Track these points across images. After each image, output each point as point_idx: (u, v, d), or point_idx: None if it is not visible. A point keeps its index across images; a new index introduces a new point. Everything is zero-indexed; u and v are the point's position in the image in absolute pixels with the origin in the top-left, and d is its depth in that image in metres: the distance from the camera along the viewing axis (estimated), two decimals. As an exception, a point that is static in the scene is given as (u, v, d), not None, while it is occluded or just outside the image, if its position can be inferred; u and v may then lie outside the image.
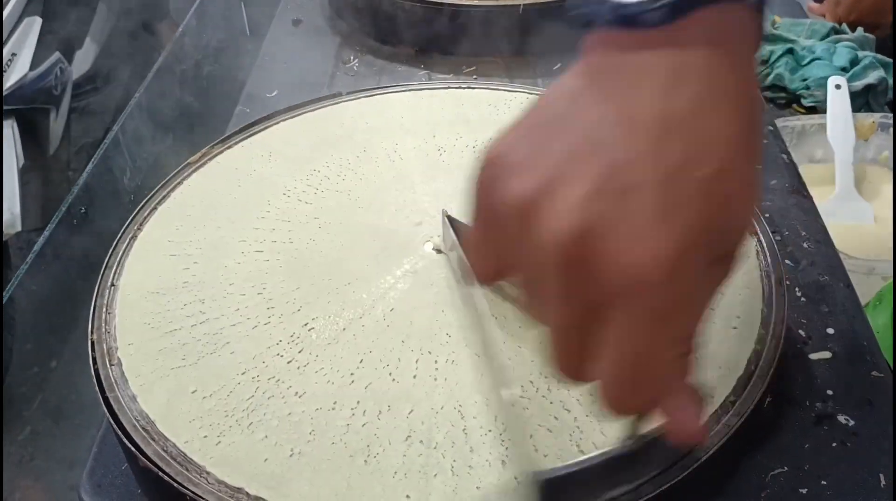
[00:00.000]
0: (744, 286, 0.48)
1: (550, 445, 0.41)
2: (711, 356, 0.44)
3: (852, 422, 0.48)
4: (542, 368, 0.44)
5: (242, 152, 0.61)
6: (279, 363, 0.46)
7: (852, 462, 0.46)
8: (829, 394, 0.50)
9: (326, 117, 0.65)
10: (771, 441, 0.47)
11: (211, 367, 0.46)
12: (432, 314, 0.48)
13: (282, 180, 0.59)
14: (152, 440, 0.42)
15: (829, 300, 0.56)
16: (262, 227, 0.55)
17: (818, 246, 0.61)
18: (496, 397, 0.42)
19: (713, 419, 0.42)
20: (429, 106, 0.66)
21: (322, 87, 0.81)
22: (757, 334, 0.46)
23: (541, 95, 0.30)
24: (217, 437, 0.42)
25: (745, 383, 0.43)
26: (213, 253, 0.53)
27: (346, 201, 0.57)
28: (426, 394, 0.44)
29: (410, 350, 0.46)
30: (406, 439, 0.41)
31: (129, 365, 0.46)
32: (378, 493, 0.39)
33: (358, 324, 0.48)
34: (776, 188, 0.66)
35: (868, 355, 0.52)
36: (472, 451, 0.41)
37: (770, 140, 0.72)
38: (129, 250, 0.53)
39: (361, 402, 0.43)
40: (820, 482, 0.45)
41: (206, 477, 0.40)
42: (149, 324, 0.48)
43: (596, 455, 0.33)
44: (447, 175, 0.59)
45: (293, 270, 0.52)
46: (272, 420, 0.43)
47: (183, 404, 0.44)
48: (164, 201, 0.57)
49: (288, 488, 0.39)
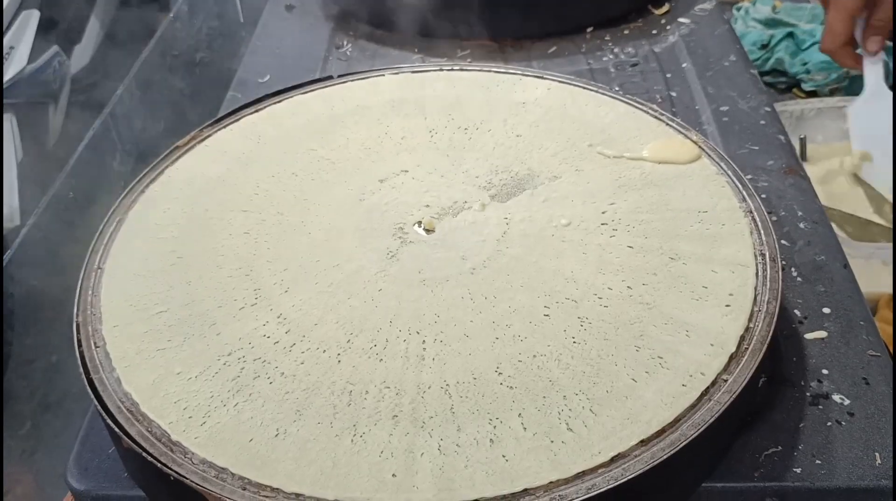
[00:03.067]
0: (737, 264, 0.48)
1: (540, 423, 0.40)
2: (703, 333, 0.44)
3: (847, 401, 0.47)
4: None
5: (231, 135, 0.61)
6: (266, 344, 0.45)
7: (847, 441, 0.45)
8: (824, 374, 0.49)
9: (317, 100, 0.64)
10: (765, 420, 0.47)
11: (197, 348, 0.45)
12: (420, 295, 0.48)
13: (270, 163, 0.58)
14: (137, 421, 0.41)
15: (826, 280, 0.56)
16: (250, 209, 0.54)
17: (815, 226, 0.60)
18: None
19: (704, 397, 0.41)
20: (420, 88, 0.66)
21: (315, 72, 0.81)
22: (749, 311, 0.45)
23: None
24: (202, 417, 0.41)
25: (737, 360, 0.43)
26: (201, 235, 0.52)
27: (335, 183, 0.57)
28: (414, 374, 0.43)
29: (398, 330, 0.46)
30: (393, 418, 0.41)
31: (114, 347, 0.45)
32: (364, 472, 0.39)
33: (346, 305, 0.47)
34: (773, 169, 0.65)
35: (864, 334, 0.51)
36: (460, 430, 0.40)
37: (767, 121, 0.71)
38: (117, 233, 0.53)
39: (348, 382, 0.43)
40: (814, 461, 0.44)
41: (191, 458, 0.40)
42: (134, 306, 0.47)
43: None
44: (438, 157, 0.59)
45: (281, 251, 0.51)
46: (258, 401, 0.42)
47: (168, 385, 0.43)
48: (152, 184, 0.56)
49: (273, 468, 0.39)
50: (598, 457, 0.38)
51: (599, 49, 0.83)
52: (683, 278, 0.48)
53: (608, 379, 0.42)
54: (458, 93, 0.65)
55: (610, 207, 0.53)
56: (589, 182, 0.55)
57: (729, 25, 0.86)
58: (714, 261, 0.48)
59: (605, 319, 0.45)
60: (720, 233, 0.50)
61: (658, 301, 0.46)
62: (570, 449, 0.39)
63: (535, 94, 0.64)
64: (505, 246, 0.51)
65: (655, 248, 0.50)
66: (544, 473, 0.38)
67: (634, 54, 0.81)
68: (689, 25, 0.85)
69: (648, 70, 0.79)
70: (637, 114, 0.61)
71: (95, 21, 1.77)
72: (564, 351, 0.44)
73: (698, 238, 0.50)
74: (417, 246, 0.52)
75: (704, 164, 0.55)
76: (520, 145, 0.59)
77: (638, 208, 0.53)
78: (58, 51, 1.67)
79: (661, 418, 0.40)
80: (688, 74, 0.78)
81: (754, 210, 0.51)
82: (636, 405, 0.41)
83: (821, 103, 0.98)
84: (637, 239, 0.50)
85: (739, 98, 0.73)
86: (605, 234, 0.51)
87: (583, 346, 0.44)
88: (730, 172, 0.54)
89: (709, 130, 0.70)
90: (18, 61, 1.56)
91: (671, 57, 0.81)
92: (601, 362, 0.43)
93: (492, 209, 0.54)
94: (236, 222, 0.54)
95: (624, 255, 0.49)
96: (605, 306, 0.46)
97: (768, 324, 0.44)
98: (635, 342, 0.44)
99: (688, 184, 0.54)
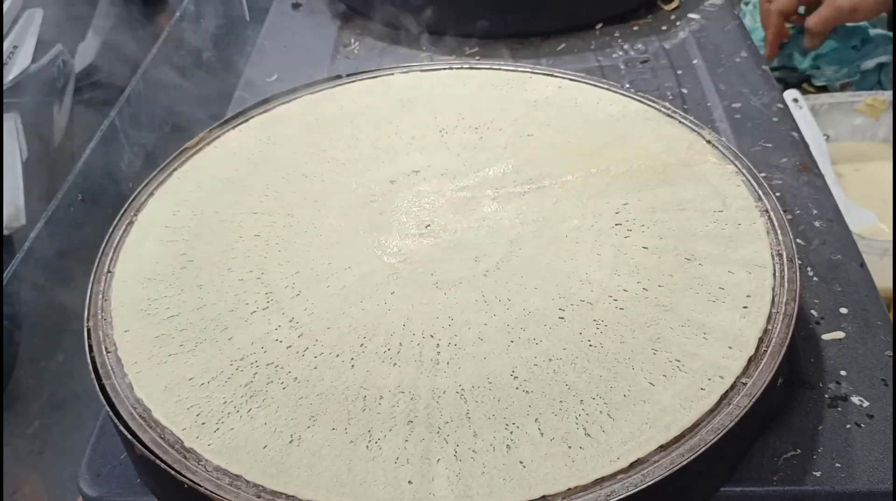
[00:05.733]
0: (754, 265, 0.47)
1: (557, 428, 0.40)
2: (721, 335, 0.43)
3: (866, 403, 0.47)
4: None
5: (240, 136, 0.60)
6: (278, 349, 0.45)
7: (867, 443, 0.45)
8: (842, 375, 0.49)
9: (326, 100, 0.64)
10: (783, 423, 0.46)
11: (209, 353, 0.45)
12: (433, 297, 0.47)
13: (280, 164, 0.58)
14: (149, 427, 0.41)
15: (842, 280, 0.55)
16: (260, 210, 0.54)
17: (830, 225, 0.59)
18: None
19: (723, 400, 0.40)
20: (430, 87, 0.65)
21: (322, 70, 0.80)
22: (768, 313, 0.44)
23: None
24: (215, 424, 0.41)
25: (755, 363, 0.42)
26: (211, 238, 0.52)
27: (345, 184, 0.56)
28: (428, 378, 0.43)
29: (412, 334, 0.45)
30: (408, 424, 0.40)
31: (126, 352, 0.45)
32: (380, 479, 0.38)
33: (358, 308, 0.47)
34: (786, 167, 0.65)
35: (882, 334, 0.51)
36: (476, 435, 0.40)
37: (779, 118, 0.70)
38: (126, 236, 0.52)
39: (362, 387, 0.42)
40: (834, 464, 0.44)
41: (205, 465, 0.39)
42: (145, 310, 0.47)
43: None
44: (449, 157, 0.58)
45: (292, 254, 0.51)
46: (271, 406, 0.42)
47: (180, 391, 0.43)
48: (160, 186, 0.56)
49: (287, 475, 0.38)
50: (616, 463, 0.38)
51: (609, 46, 0.82)
52: (700, 280, 0.47)
53: (625, 383, 0.42)
54: (467, 92, 0.64)
55: (624, 207, 0.52)
56: (602, 181, 0.55)
57: (739, 21, 0.85)
58: (731, 262, 0.48)
59: (621, 321, 0.45)
60: (736, 233, 0.50)
61: (674, 303, 0.46)
62: (588, 455, 0.38)
63: (545, 92, 0.63)
64: (518, 247, 0.50)
65: (671, 248, 0.49)
66: (562, 479, 0.37)
67: (644, 51, 0.81)
68: (699, 21, 0.85)
69: (659, 67, 0.78)
70: (648, 111, 0.60)
71: (99, 19, 1.77)
72: (580, 355, 0.43)
73: (714, 238, 0.49)
74: (429, 248, 0.51)
75: (719, 162, 0.55)
76: (531, 145, 0.59)
77: (652, 207, 0.52)
78: (61, 49, 1.67)
79: (681, 422, 0.39)
80: (699, 70, 0.77)
81: (770, 209, 0.51)
82: (654, 409, 0.40)
83: (831, 98, 0.97)
84: (652, 240, 0.50)
85: (751, 94, 0.73)
86: (620, 234, 0.51)
87: (599, 349, 0.43)
88: (744, 170, 0.54)
89: (721, 127, 0.69)
90: (22, 60, 1.55)
91: (682, 53, 0.80)
92: (618, 365, 0.43)
93: (504, 210, 0.53)
94: (247, 224, 0.53)
95: (639, 256, 0.49)
96: (621, 308, 0.46)
97: (787, 326, 0.44)
98: (652, 344, 0.43)
99: (702, 183, 0.53)
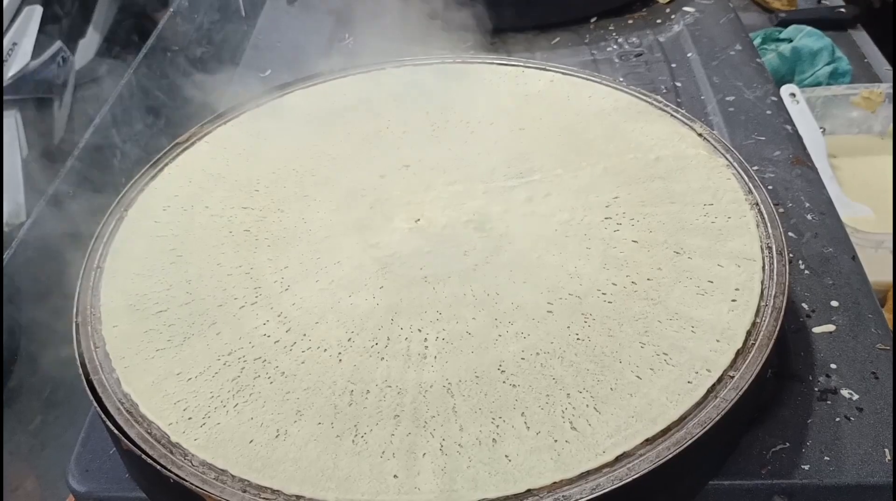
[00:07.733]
0: (743, 258, 0.47)
1: (543, 422, 0.39)
2: (709, 328, 0.43)
3: (856, 396, 0.47)
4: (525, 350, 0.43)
5: (231, 131, 0.60)
6: (266, 344, 0.45)
7: (856, 437, 0.45)
8: (832, 368, 0.48)
9: (318, 94, 0.64)
10: (772, 416, 0.46)
11: (197, 348, 0.45)
12: (421, 292, 0.47)
13: (271, 159, 0.58)
14: (136, 422, 0.41)
15: (834, 273, 0.55)
16: (250, 205, 0.54)
17: (822, 218, 0.59)
18: None
19: (710, 394, 0.40)
20: (423, 81, 0.65)
21: (316, 65, 0.80)
22: (756, 306, 0.44)
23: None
24: (202, 419, 0.41)
25: (743, 356, 0.42)
26: (201, 233, 0.52)
27: (336, 179, 0.56)
28: (415, 373, 0.43)
29: (400, 328, 0.45)
30: (394, 418, 0.40)
31: (114, 347, 0.45)
32: (365, 473, 0.38)
33: (347, 303, 0.47)
34: (779, 160, 0.65)
35: (873, 327, 0.51)
36: (462, 429, 0.40)
37: (773, 111, 0.70)
38: (116, 231, 0.52)
39: (349, 382, 0.42)
40: (823, 457, 0.44)
41: (191, 459, 0.39)
42: (134, 306, 0.47)
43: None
44: (440, 151, 0.58)
45: (281, 249, 0.51)
46: (258, 401, 0.42)
47: (168, 385, 0.43)
48: (151, 181, 0.56)
49: (273, 469, 0.38)
50: (602, 457, 0.38)
51: (603, 39, 0.82)
52: (689, 273, 0.47)
53: (612, 376, 0.41)
54: (460, 86, 0.64)
55: (614, 200, 0.52)
56: (592, 175, 0.54)
57: (735, 14, 0.85)
58: (720, 255, 0.48)
59: (609, 315, 0.45)
60: (726, 226, 0.49)
61: (663, 297, 0.46)
62: (574, 449, 0.38)
63: (537, 86, 0.63)
64: (508, 242, 0.50)
65: (660, 242, 0.49)
66: (548, 473, 0.37)
67: (639, 44, 0.80)
68: (694, 14, 0.84)
69: (653, 60, 0.78)
70: (640, 105, 0.60)
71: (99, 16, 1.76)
72: (568, 348, 0.43)
73: (704, 232, 0.49)
74: (419, 242, 0.51)
75: (710, 155, 0.55)
76: (522, 139, 0.59)
77: (642, 201, 0.52)
78: (61, 46, 1.66)
79: (667, 416, 0.39)
80: (693, 63, 0.77)
81: (760, 202, 0.50)
82: (641, 402, 0.40)
83: (827, 92, 0.96)
84: (641, 233, 0.50)
85: (745, 88, 0.73)
86: (609, 228, 0.50)
87: (586, 343, 0.43)
88: (735, 163, 0.54)
89: (714, 120, 0.69)
90: (22, 57, 1.55)
91: (676, 47, 0.80)
92: (605, 359, 0.42)
93: (494, 204, 0.53)
94: (237, 219, 0.53)
95: (628, 249, 0.49)
96: (610, 301, 0.46)
97: (775, 319, 0.43)
98: (640, 338, 0.43)
99: (693, 176, 0.53)
